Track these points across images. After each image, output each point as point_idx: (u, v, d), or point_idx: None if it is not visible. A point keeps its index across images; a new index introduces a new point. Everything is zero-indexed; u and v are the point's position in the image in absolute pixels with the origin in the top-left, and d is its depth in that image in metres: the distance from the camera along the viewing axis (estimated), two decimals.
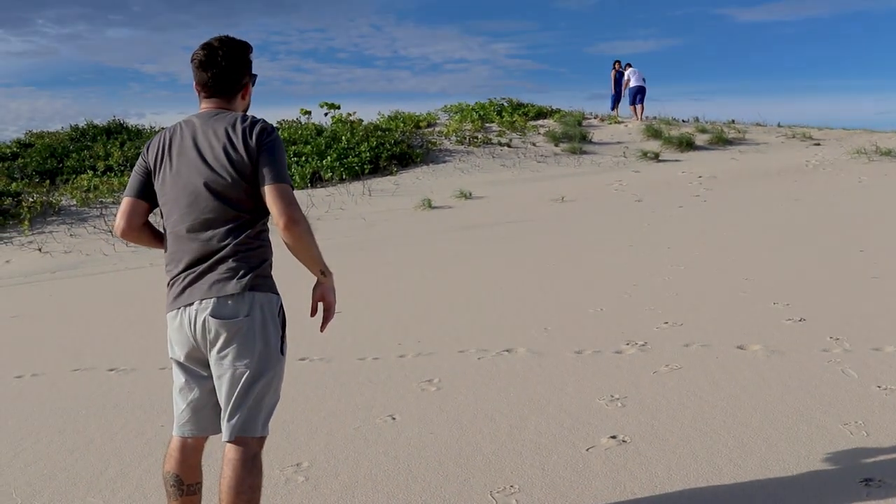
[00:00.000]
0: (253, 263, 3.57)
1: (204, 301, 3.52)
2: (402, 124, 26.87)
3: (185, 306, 3.56)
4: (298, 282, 4.54)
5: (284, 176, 3.53)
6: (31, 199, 19.38)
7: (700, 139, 24.98)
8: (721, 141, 24.92)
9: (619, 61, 29.40)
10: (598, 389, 6.01)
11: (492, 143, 24.89)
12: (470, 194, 18.74)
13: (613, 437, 5.05)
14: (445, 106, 30.70)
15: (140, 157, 3.83)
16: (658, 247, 12.49)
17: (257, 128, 3.56)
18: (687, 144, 24.22)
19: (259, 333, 3.55)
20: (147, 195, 3.75)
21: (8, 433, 6.09)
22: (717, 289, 9.28)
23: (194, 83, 3.73)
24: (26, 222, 18.11)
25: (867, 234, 12.38)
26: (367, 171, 21.91)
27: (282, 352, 3.67)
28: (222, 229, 3.55)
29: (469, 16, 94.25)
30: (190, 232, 3.59)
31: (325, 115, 26.80)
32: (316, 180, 21.23)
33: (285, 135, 24.00)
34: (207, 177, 3.54)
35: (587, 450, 4.89)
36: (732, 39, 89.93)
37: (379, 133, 24.31)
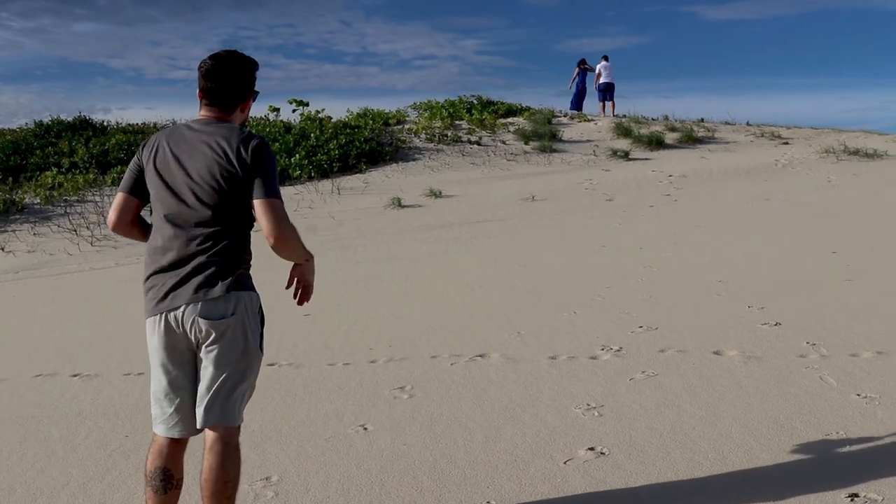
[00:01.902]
0: (234, 266, 3.72)
1: (191, 304, 3.64)
2: (371, 122, 26.68)
3: (171, 311, 3.68)
4: (270, 281, 4.39)
5: (276, 191, 3.66)
6: None
7: (670, 138, 24.95)
8: (690, 139, 24.90)
9: (584, 60, 29.37)
10: (574, 397, 5.90)
11: (462, 141, 24.75)
12: (440, 193, 18.60)
13: (591, 448, 4.93)
14: (415, 103, 30.54)
15: (136, 155, 3.94)
16: (630, 247, 12.42)
17: (253, 143, 3.68)
18: (657, 143, 24.19)
19: (242, 331, 3.71)
20: (138, 192, 3.89)
21: None
22: (690, 291, 9.20)
23: (198, 89, 3.85)
24: None
25: (838, 236, 12.37)
26: (336, 169, 21.70)
27: (260, 348, 3.82)
28: (206, 233, 3.68)
29: (438, 12, 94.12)
30: (175, 231, 3.71)
31: (294, 112, 26.60)
32: (284, 178, 20.98)
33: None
34: (196, 183, 3.67)
35: (565, 462, 4.77)
36: (700, 37, 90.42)
37: (348, 131, 24.11)
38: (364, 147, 22.92)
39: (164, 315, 3.69)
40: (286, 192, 19.55)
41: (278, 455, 5.23)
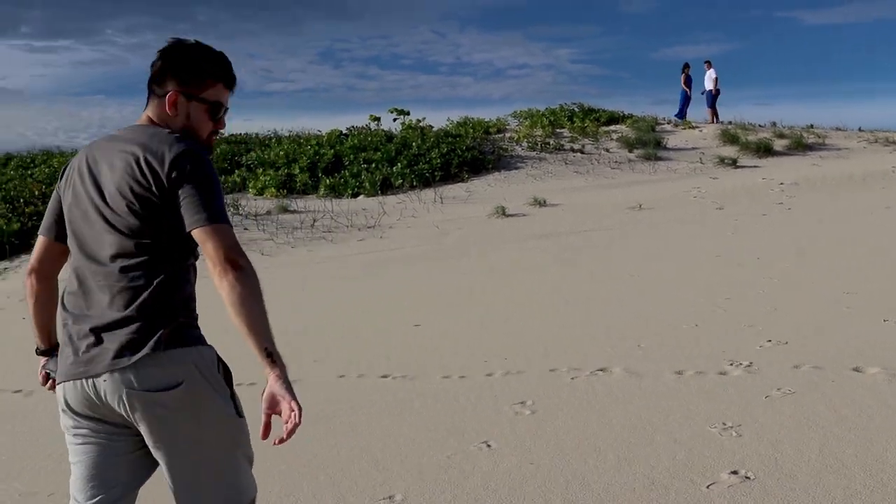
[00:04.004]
0: (168, 311, 2.78)
1: (115, 373, 2.71)
2: (471, 130, 26.51)
3: (88, 378, 2.77)
4: (333, 284, 4.20)
5: (219, 213, 2.74)
6: None
7: (778, 144, 24.21)
8: (800, 146, 24.14)
9: (688, 64, 28.71)
10: (707, 416, 5.57)
11: (564, 150, 24.40)
12: (544, 201, 18.30)
13: (735, 472, 4.61)
14: (515, 111, 30.20)
15: (56, 184, 3.09)
16: (746, 257, 11.96)
17: (176, 152, 2.77)
18: (765, 150, 23.50)
19: (204, 403, 2.80)
20: (62, 233, 3.02)
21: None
22: (817, 303, 8.77)
23: None
24: None
25: None
26: (437, 177, 21.56)
27: (238, 413, 2.90)
28: (128, 267, 2.77)
29: (531, 21, 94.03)
30: (90, 268, 2.84)
31: (395, 121, 26.57)
32: (386, 187, 20.95)
33: (355, 141, 23.75)
34: (108, 205, 2.81)
35: (707, 487, 4.46)
36: (799, 42, 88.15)
37: (449, 139, 23.98)
38: (466, 156, 22.74)
39: (79, 382, 2.79)
40: (389, 201, 19.50)
41: (400, 472, 5.03)
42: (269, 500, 4.79)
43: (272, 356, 2.64)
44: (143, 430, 2.78)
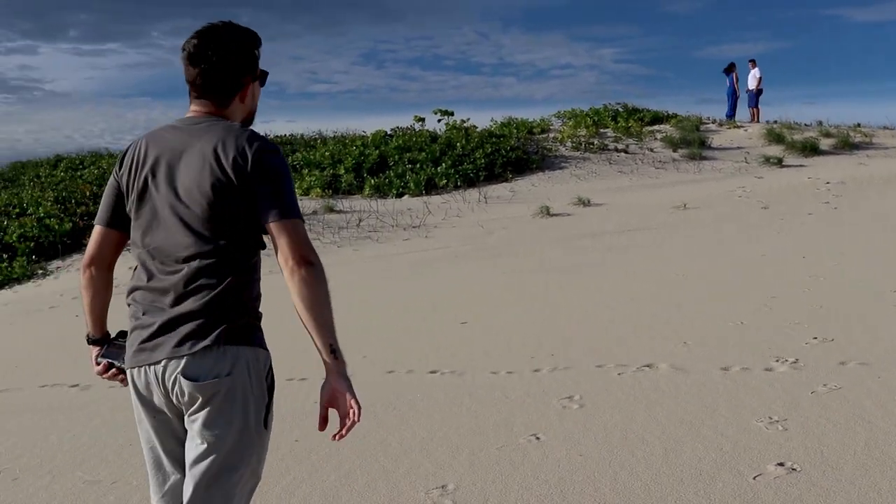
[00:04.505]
0: (235, 310, 2.88)
1: (174, 360, 2.83)
2: (515, 130, 26.61)
3: (150, 364, 2.89)
4: (386, 281, 4.31)
5: (294, 209, 2.85)
6: None
7: (824, 143, 24.04)
8: (847, 145, 23.96)
9: (734, 64, 28.54)
10: (753, 410, 5.64)
11: (608, 149, 24.44)
12: (588, 201, 18.36)
13: (781, 464, 4.69)
14: (559, 112, 30.23)
15: (112, 174, 3.11)
16: (792, 256, 11.96)
17: (255, 147, 2.85)
18: (811, 149, 23.35)
19: (240, 400, 2.86)
20: (121, 222, 3.09)
21: None
22: (863, 302, 8.77)
23: (186, 81, 3.05)
24: None
25: None
26: (482, 177, 21.70)
27: (265, 425, 2.93)
28: (199, 268, 2.86)
29: (574, 21, 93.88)
30: (158, 267, 2.93)
31: (439, 121, 26.71)
32: (431, 187, 21.12)
33: (399, 142, 23.93)
34: (183, 203, 2.89)
35: (754, 478, 4.54)
36: (846, 41, 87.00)
37: (493, 139, 24.10)
38: (510, 156, 22.86)
39: (143, 369, 2.92)
40: (433, 201, 19.65)
41: (451, 463, 5.16)
42: (324, 487, 4.96)
43: (335, 353, 2.75)
44: (186, 418, 2.90)
